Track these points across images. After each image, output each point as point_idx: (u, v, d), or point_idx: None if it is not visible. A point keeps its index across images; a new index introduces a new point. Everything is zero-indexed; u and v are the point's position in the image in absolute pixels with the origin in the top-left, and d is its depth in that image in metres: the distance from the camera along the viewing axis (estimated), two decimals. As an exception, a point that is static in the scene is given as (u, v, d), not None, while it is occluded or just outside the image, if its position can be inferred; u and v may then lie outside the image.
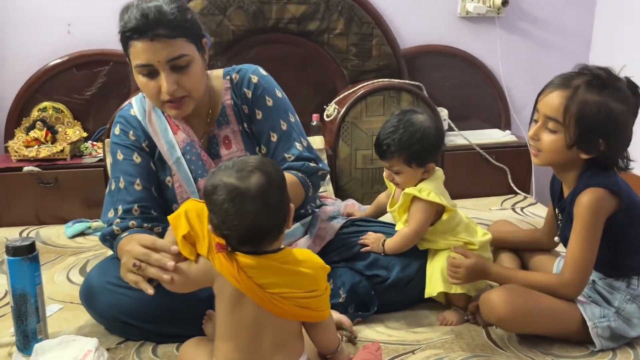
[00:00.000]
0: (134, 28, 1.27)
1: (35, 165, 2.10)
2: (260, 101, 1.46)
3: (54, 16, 2.20)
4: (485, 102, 2.57)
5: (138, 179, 1.40)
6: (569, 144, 1.29)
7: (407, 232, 1.46)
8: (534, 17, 2.52)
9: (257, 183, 0.99)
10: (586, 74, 1.29)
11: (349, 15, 2.31)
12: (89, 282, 1.39)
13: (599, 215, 1.28)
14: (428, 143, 1.43)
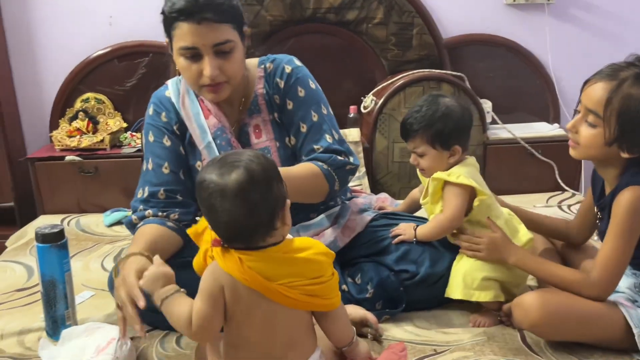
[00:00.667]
0: (182, 9, 1.27)
1: (76, 155, 2.16)
2: (292, 91, 1.44)
3: (95, 8, 2.26)
4: (532, 94, 2.46)
5: (166, 162, 1.41)
6: (608, 141, 1.20)
7: (441, 217, 1.40)
8: (588, 3, 2.39)
9: (236, 180, 0.95)
10: (637, 66, 1.20)
11: (388, 3, 2.25)
12: (115, 268, 1.39)
13: (637, 217, 1.19)
14: (452, 122, 1.40)
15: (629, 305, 1.25)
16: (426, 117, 1.41)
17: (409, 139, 1.45)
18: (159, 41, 2.28)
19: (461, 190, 1.38)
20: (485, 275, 1.35)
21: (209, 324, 1.00)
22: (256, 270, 0.98)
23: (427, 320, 1.40)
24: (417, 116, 1.42)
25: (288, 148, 1.46)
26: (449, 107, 1.41)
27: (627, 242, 1.21)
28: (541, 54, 2.41)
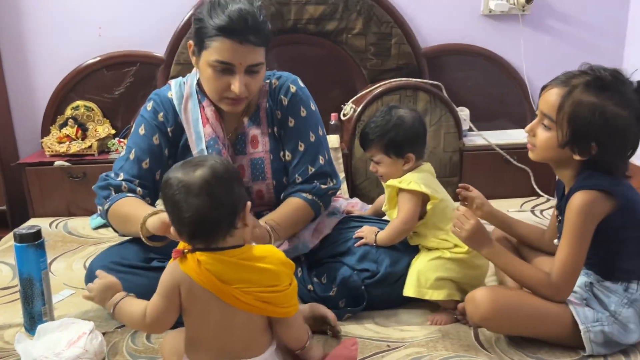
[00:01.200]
0: (230, 28, 1.32)
1: (65, 160, 2.24)
2: (295, 110, 1.53)
3: (85, 20, 2.33)
4: (510, 102, 2.52)
5: (149, 159, 1.47)
6: (560, 143, 1.26)
7: (395, 222, 1.47)
8: (562, 14, 2.44)
9: (201, 176, 1.02)
10: (589, 74, 1.26)
11: (367, 14, 2.32)
12: (91, 266, 1.48)
13: (588, 219, 1.24)
14: (404, 131, 1.48)
15: (578, 303, 1.30)
16: (380, 127, 1.50)
17: (366, 148, 1.54)
18: (146, 51, 2.37)
19: (412, 195, 1.45)
20: (438, 275, 1.41)
21: (162, 318, 1.07)
22: (213, 273, 1.03)
23: (387, 319, 1.46)
24: (372, 126, 1.51)
25: (281, 161, 1.54)
26: (402, 117, 1.50)
27: (580, 245, 1.25)
28: (517, 63, 2.47)
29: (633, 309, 1.28)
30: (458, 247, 1.44)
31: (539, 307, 1.28)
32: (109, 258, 1.46)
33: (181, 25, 2.31)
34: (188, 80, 1.54)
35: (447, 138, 2.30)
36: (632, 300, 1.28)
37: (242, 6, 1.34)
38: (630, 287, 1.29)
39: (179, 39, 2.32)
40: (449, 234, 1.44)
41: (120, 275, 1.39)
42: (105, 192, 1.46)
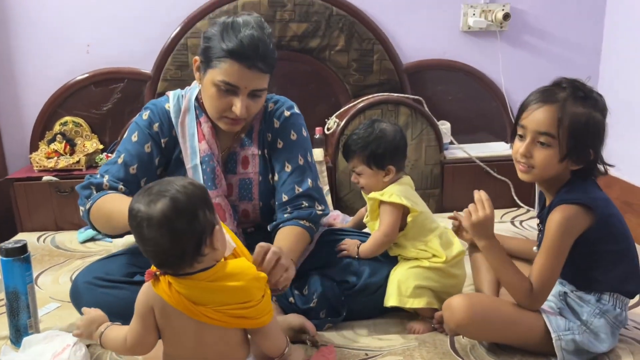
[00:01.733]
0: (241, 52, 1.36)
1: (53, 175, 2.27)
2: (285, 133, 1.56)
3: (74, 37, 2.38)
4: (490, 116, 2.58)
5: (136, 165, 1.48)
6: (561, 157, 1.29)
7: (377, 234, 1.52)
8: (538, 30, 2.51)
9: (161, 210, 0.99)
10: (565, 87, 1.31)
11: (349, 31, 2.38)
12: (75, 281, 1.50)
13: (567, 233, 1.29)
14: (385, 144, 1.54)
15: (551, 312, 1.34)
16: (362, 139, 1.55)
17: (348, 159, 1.59)
18: (134, 68, 2.41)
19: (393, 208, 1.49)
20: (417, 283, 1.46)
21: (141, 341, 1.10)
22: (184, 295, 1.03)
23: (366, 328, 1.50)
24: (355, 138, 1.57)
25: (269, 183, 1.57)
26: (383, 130, 1.55)
27: (557, 258, 1.29)
28: (495, 78, 2.53)
29: (604, 319, 1.32)
30: (436, 257, 1.48)
31: (513, 314, 1.32)
32: (92, 273, 1.48)
33: (168, 42, 2.36)
34: (187, 94, 1.56)
35: (429, 151, 2.36)
36: (603, 310, 1.32)
37: (255, 32, 1.37)
38: (603, 298, 1.33)
39: (166, 56, 2.36)
40: (427, 245, 1.49)
41: (104, 290, 1.44)
42: (86, 192, 1.46)
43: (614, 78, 2.48)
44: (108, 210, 1.39)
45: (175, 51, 2.35)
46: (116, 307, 1.39)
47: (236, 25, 1.39)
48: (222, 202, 1.52)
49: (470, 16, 2.44)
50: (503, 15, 2.38)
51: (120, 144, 1.54)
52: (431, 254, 1.49)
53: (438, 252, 1.48)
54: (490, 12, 2.43)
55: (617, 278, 1.33)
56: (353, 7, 2.38)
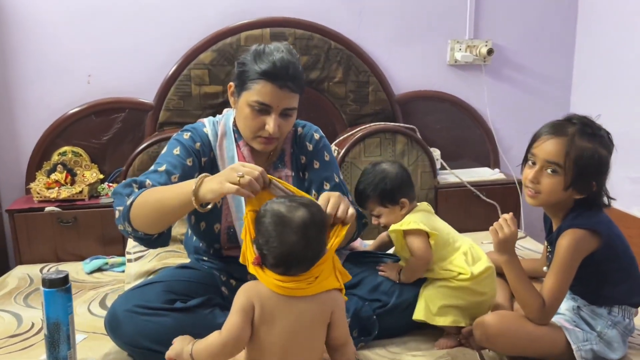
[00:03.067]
0: (274, 73, 1.45)
1: (55, 206, 2.25)
2: (320, 154, 1.67)
3: (75, 67, 2.38)
4: (475, 143, 2.75)
5: (178, 175, 1.49)
6: (566, 186, 1.43)
7: (414, 261, 1.59)
8: (517, 64, 2.72)
9: (301, 216, 1.18)
10: (575, 123, 1.45)
11: (346, 64, 2.50)
12: (113, 310, 1.48)
13: (576, 255, 1.41)
14: (391, 181, 1.65)
15: (569, 326, 1.47)
16: (371, 184, 1.66)
17: (364, 206, 1.70)
18: (135, 98, 2.44)
19: (417, 234, 1.58)
20: (444, 303, 1.55)
21: (240, 334, 1.18)
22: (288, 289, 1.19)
23: (397, 346, 1.57)
24: (364, 186, 1.67)
25: None
26: (385, 170, 1.67)
27: (566, 277, 1.42)
28: (481, 108, 2.71)
29: (616, 329, 1.45)
30: (462, 274, 1.58)
31: (537, 330, 1.43)
32: (131, 301, 1.48)
33: (170, 73, 2.40)
34: (222, 119, 1.63)
35: (424, 177, 2.49)
36: (615, 322, 1.46)
37: (285, 56, 1.47)
38: (613, 311, 1.46)
39: (169, 86, 2.41)
40: (452, 263, 1.59)
41: (145, 318, 1.44)
42: (127, 190, 1.45)
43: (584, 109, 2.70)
44: (159, 196, 1.37)
45: (177, 82, 2.40)
46: (159, 335, 1.41)
47: (268, 50, 1.49)
48: None
49: (457, 51, 2.62)
50: (487, 51, 2.57)
51: (160, 158, 1.54)
52: (457, 272, 1.58)
53: (463, 270, 1.57)
54: (475, 47, 2.62)
55: (624, 292, 1.47)
56: (350, 41, 2.51)
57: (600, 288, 1.47)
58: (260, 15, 2.43)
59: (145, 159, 2.25)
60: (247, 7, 2.43)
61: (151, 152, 2.25)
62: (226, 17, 2.42)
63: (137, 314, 1.45)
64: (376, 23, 2.56)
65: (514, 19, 2.67)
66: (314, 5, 2.49)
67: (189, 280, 1.58)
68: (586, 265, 1.43)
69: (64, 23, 2.35)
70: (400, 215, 1.65)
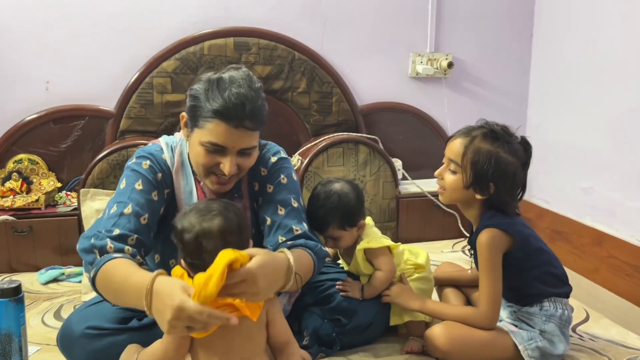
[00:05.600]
0: (228, 112, 1.30)
1: (10, 215, 2.18)
2: (275, 177, 1.51)
3: (33, 73, 2.33)
4: (435, 153, 2.76)
5: (147, 215, 1.37)
6: (466, 185, 1.49)
7: (381, 276, 1.60)
8: (476, 78, 2.80)
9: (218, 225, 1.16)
10: (484, 128, 1.52)
11: (310, 75, 2.53)
12: (67, 327, 1.41)
13: (495, 252, 1.47)
14: (352, 206, 1.59)
15: (513, 328, 1.53)
16: (332, 211, 1.57)
17: (323, 231, 1.61)
18: (95, 105, 2.40)
19: (384, 249, 1.62)
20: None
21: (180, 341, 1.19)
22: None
23: (357, 354, 1.58)
24: (324, 212, 1.57)
25: (261, 234, 1.51)
26: (343, 193, 1.59)
27: (494, 275, 1.47)
28: (441, 119, 2.77)
29: (553, 323, 1.51)
30: (420, 267, 1.67)
31: (486, 337, 1.48)
32: (85, 321, 1.39)
33: (132, 81, 2.38)
34: (178, 146, 1.52)
35: (385, 186, 2.53)
36: (549, 315, 1.51)
37: (242, 90, 1.31)
38: (544, 306, 1.52)
39: (130, 94, 2.38)
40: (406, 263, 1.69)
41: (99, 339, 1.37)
42: (89, 257, 1.29)
43: (540, 122, 2.81)
44: (116, 286, 1.22)
45: (139, 89, 2.38)
46: (114, 356, 1.34)
47: (222, 83, 1.33)
48: None
49: (419, 64, 2.68)
50: (447, 64, 2.64)
51: (121, 194, 1.40)
52: (412, 268, 1.67)
53: (417, 263, 1.68)
54: (435, 60, 2.68)
55: (549, 285, 1.53)
56: (314, 52, 2.54)
57: (526, 288, 1.53)
58: (225, 24, 2.44)
59: (105, 167, 2.21)
60: (211, 16, 2.43)
61: (111, 160, 2.22)
62: (190, 25, 2.41)
63: (91, 336, 1.38)
64: (340, 35, 2.60)
65: (473, 34, 2.75)
66: (279, 16, 2.51)
67: None
68: (506, 266, 1.48)
69: (22, 28, 2.29)
70: (357, 235, 1.63)
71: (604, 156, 2.38)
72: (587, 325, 1.79)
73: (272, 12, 2.50)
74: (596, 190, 2.42)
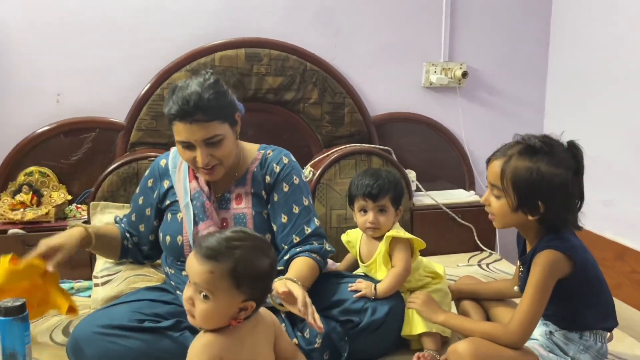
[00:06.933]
0: (176, 114, 1.49)
1: (20, 228, 2.17)
2: (289, 177, 1.68)
3: (43, 85, 2.32)
4: (450, 165, 2.75)
5: (143, 225, 1.76)
6: (512, 208, 1.40)
7: (398, 271, 1.59)
8: (491, 87, 2.75)
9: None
10: (521, 143, 1.41)
11: (322, 86, 2.49)
12: (75, 335, 1.43)
13: (551, 276, 1.39)
14: (402, 187, 1.74)
15: (543, 351, 1.45)
16: (392, 182, 1.69)
17: (378, 199, 1.66)
18: (106, 117, 2.39)
19: (407, 245, 1.62)
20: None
21: None
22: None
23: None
24: (384, 181, 1.68)
25: (263, 217, 1.66)
26: (396, 175, 1.75)
27: (541, 299, 1.39)
28: (455, 130, 2.72)
29: (589, 354, 1.44)
30: (438, 276, 1.65)
31: (512, 356, 1.39)
32: (96, 322, 1.43)
33: (142, 93, 2.36)
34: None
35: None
36: (587, 346, 1.44)
37: (190, 90, 1.49)
38: (584, 335, 1.45)
39: (141, 106, 2.36)
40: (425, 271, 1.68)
41: (111, 339, 1.39)
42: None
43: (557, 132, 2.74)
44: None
45: (150, 101, 2.36)
46: (124, 358, 1.37)
47: (177, 90, 1.52)
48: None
49: (432, 73, 2.64)
50: (462, 73, 2.59)
51: (134, 200, 1.80)
52: (430, 278, 1.66)
53: (435, 272, 1.68)
54: (449, 69, 2.63)
55: (596, 317, 1.46)
56: (325, 63, 2.51)
57: (573, 313, 1.45)
58: (235, 35, 2.41)
59: (115, 180, 2.19)
60: (222, 27, 2.41)
61: (121, 173, 2.20)
62: (200, 37, 2.40)
63: (102, 335, 1.40)
64: (352, 45, 2.57)
65: (488, 43, 2.70)
66: (290, 27, 2.48)
67: (158, 300, 1.55)
68: (559, 290, 1.41)
69: (33, 40, 2.29)
70: (395, 220, 1.70)
71: (624, 167, 2.31)
72: (610, 344, 1.71)
73: (283, 23, 2.48)
74: (617, 202, 2.34)
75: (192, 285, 1.09)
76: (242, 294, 1.08)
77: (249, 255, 1.09)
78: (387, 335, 1.58)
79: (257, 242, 1.12)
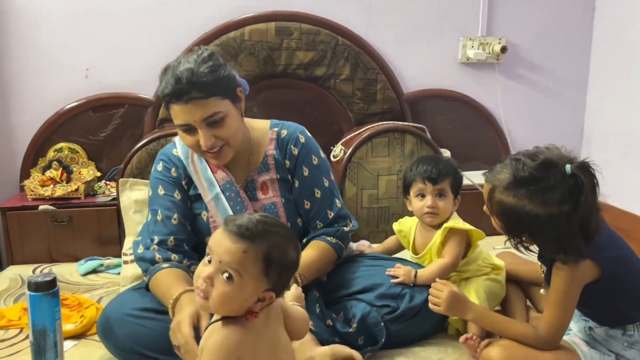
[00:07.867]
0: (170, 94, 1.36)
1: (50, 204, 2.16)
2: (307, 159, 1.57)
3: (72, 61, 2.30)
4: (486, 144, 2.65)
5: (176, 214, 1.49)
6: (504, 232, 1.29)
7: (445, 262, 1.55)
8: (531, 63, 2.63)
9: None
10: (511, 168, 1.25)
11: (354, 61, 2.41)
12: (106, 314, 1.42)
13: (575, 285, 1.28)
14: (461, 177, 1.69)
15: (584, 347, 1.36)
16: (452, 168, 1.66)
17: (438, 182, 1.62)
18: (135, 93, 2.35)
19: (462, 237, 1.56)
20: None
21: None
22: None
23: (406, 356, 1.48)
24: (443, 166, 1.64)
25: (291, 204, 1.57)
26: (456, 165, 1.69)
27: (567, 306, 1.30)
28: (493, 108, 2.62)
29: (635, 349, 1.34)
30: (498, 268, 1.61)
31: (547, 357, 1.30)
32: (126, 303, 1.42)
33: (171, 68, 2.32)
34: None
35: (433, 179, 2.39)
36: (632, 342, 1.34)
37: (182, 67, 1.35)
38: (628, 331, 1.34)
39: (169, 81, 2.32)
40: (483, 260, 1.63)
41: (140, 322, 1.38)
42: (143, 266, 1.46)
43: (600, 109, 2.62)
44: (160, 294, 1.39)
45: (179, 77, 2.31)
46: (152, 341, 1.35)
47: (169, 69, 1.39)
48: None
49: (469, 48, 2.53)
50: (501, 48, 2.47)
51: (151, 202, 1.54)
52: (490, 268, 1.61)
53: (495, 264, 1.62)
54: (487, 44, 2.52)
55: (637, 311, 1.35)
56: (358, 37, 2.42)
57: (611, 312, 1.35)
58: (266, 8, 2.34)
59: (144, 157, 2.16)
60: (252, 0, 2.34)
61: (150, 150, 2.16)
62: (230, 10, 2.33)
63: (132, 317, 1.39)
64: (386, 18, 2.47)
65: (529, 16, 2.57)
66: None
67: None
68: (589, 292, 1.30)
69: (62, 16, 2.26)
70: (453, 208, 1.65)
71: (675, 147, 2.18)
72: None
73: (315, -5, 2.40)
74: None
75: (214, 263, 1.00)
76: (267, 282, 1.01)
77: (283, 243, 1.02)
78: (424, 322, 1.52)
79: (289, 232, 1.05)
